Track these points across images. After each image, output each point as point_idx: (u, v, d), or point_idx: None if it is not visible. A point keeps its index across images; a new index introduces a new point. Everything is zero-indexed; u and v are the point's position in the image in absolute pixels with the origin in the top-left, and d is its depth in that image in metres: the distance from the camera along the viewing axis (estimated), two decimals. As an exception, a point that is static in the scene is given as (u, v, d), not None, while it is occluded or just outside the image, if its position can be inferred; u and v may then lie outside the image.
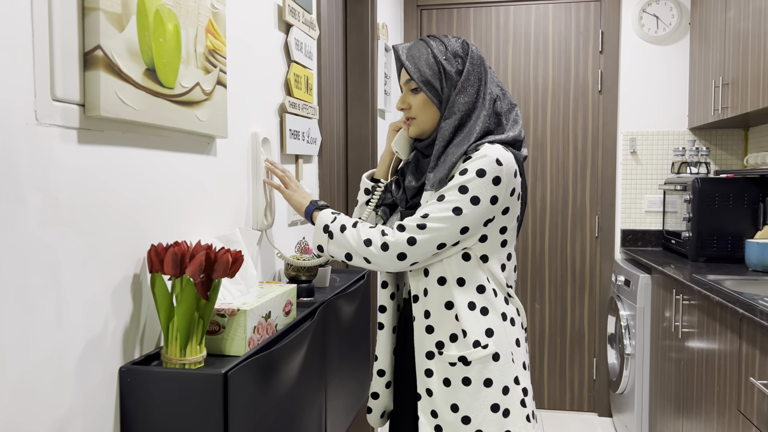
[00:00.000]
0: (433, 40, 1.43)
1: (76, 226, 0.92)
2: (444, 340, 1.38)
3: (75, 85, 0.91)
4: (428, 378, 1.39)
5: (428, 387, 1.39)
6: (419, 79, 1.39)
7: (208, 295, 1.08)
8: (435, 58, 1.39)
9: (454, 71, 1.39)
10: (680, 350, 2.48)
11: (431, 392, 1.39)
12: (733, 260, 2.83)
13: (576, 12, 3.52)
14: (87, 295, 0.95)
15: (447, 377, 1.38)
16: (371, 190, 1.58)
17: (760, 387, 1.69)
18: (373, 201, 1.53)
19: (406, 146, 1.52)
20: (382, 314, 1.55)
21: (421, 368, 1.41)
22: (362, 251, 1.37)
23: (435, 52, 1.40)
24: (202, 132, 1.24)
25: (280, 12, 1.73)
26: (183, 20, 1.16)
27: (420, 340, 1.41)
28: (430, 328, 1.40)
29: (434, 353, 1.39)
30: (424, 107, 1.42)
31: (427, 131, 1.45)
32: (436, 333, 1.39)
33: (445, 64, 1.39)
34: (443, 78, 1.39)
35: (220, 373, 1.00)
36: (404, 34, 3.67)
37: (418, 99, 1.43)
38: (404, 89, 1.46)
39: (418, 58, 1.40)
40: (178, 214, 1.21)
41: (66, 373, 0.91)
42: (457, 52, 1.40)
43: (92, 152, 0.95)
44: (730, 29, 2.76)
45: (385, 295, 1.55)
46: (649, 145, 3.48)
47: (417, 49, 1.42)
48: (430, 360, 1.40)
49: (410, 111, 1.44)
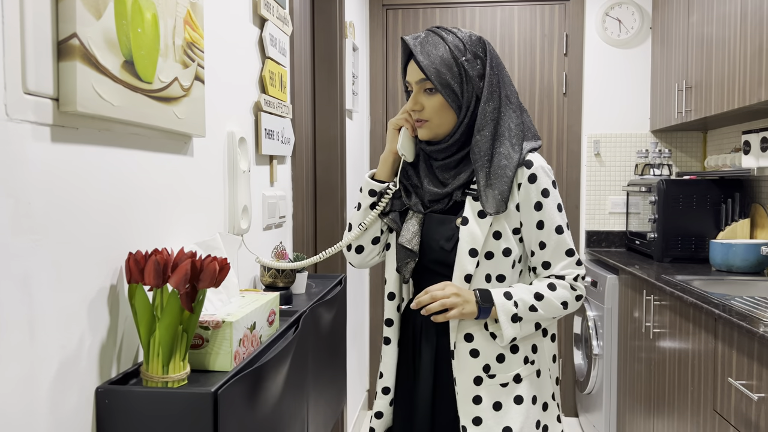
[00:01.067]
0: (447, 33, 1.31)
1: (49, 233, 0.83)
2: (491, 362, 1.31)
3: (48, 77, 0.82)
4: (477, 405, 1.30)
5: (477, 415, 1.30)
6: (438, 81, 1.28)
7: (193, 307, 0.99)
8: (454, 58, 1.29)
9: (476, 75, 1.30)
10: (651, 350, 2.50)
11: (480, 420, 1.30)
12: (697, 260, 2.88)
13: (541, 14, 3.54)
14: (61, 309, 0.86)
15: (498, 401, 1.31)
16: (380, 194, 1.42)
17: (738, 387, 1.71)
18: (380, 206, 1.40)
19: (412, 148, 1.41)
20: (389, 328, 1.44)
21: (468, 396, 1.31)
22: (558, 314, 1.33)
23: (452, 49, 1.29)
24: (179, 130, 1.16)
25: (255, 5, 1.65)
26: (161, 10, 1.07)
27: (463, 366, 1.31)
28: (475, 351, 1.31)
29: (482, 378, 1.31)
30: (440, 111, 1.32)
31: (440, 135, 1.35)
32: (482, 356, 1.31)
33: (467, 65, 1.29)
34: (464, 81, 1.30)
35: (209, 391, 0.92)
36: (369, 33, 3.62)
37: (434, 101, 1.31)
38: (415, 88, 1.34)
39: (435, 55, 1.28)
40: (155, 219, 1.12)
41: (38, 396, 0.82)
42: (477, 52, 1.30)
43: (66, 152, 0.86)
44: (693, 34, 2.81)
45: (392, 307, 1.44)
46: (612, 147, 3.52)
47: (431, 44, 1.30)
48: (478, 386, 1.30)
49: (423, 113, 1.33)
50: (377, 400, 1.47)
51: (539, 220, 1.32)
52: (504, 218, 1.32)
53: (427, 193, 1.37)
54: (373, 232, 1.45)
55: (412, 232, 1.37)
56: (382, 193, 1.42)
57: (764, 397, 1.59)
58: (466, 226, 1.30)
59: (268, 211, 1.76)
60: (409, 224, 1.38)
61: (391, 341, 1.44)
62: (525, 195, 1.31)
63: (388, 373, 1.45)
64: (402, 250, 1.38)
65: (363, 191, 1.44)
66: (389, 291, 1.44)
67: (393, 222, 1.41)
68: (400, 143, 1.39)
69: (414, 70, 1.33)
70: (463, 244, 1.30)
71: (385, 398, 1.45)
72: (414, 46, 1.30)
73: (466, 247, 1.30)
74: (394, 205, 1.41)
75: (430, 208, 1.38)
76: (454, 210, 1.36)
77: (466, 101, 1.31)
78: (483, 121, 1.30)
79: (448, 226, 1.35)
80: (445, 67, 1.28)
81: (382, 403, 1.46)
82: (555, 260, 1.33)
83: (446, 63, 1.28)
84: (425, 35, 1.32)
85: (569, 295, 1.33)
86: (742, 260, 2.55)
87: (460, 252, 1.30)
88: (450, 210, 1.37)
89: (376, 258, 1.49)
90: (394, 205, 1.41)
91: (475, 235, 1.30)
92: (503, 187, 1.29)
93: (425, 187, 1.37)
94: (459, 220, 1.33)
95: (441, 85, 1.28)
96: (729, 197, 2.86)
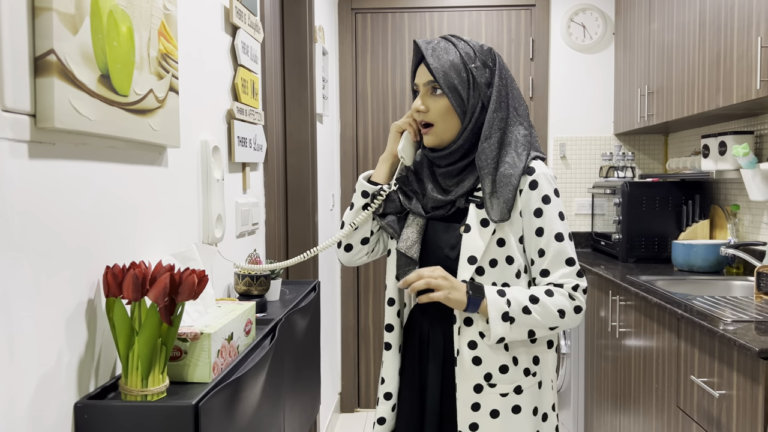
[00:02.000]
0: (458, 41, 1.34)
1: (27, 250, 0.82)
2: (493, 371, 1.31)
3: (26, 94, 0.81)
4: (475, 412, 1.31)
5: (473, 421, 1.31)
6: (445, 84, 1.30)
7: (172, 320, 1.00)
8: (464, 63, 1.31)
9: (484, 82, 1.32)
10: (617, 349, 2.57)
11: (477, 426, 1.31)
12: (660, 260, 2.97)
13: (508, 19, 3.60)
14: (39, 325, 0.85)
15: (495, 408, 1.31)
16: (373, 195, 1.42)
17: (700, 384, 1.77)
18: (373, 207, 1.40)
19: (413, 152, 1.42)
20: (390, 333, 1.44)
21: (467, 403, 1.31)
22: (555, 323, 1.30)
23: (463, 55, 1.31)
24: (154, 142, 1.16)
25: (227, 14, 1.65)
26: (137, 23, 1.07)
27: (465, 373, 1.31)
28: (478, 359, 1.31)
29: (483, 386, 1.31)
30: (445, 114, 1.33)
31: (445, 141, 1.35)
32: (485, 365, 1.31)
33: (475, 72, 1.31)
34: (471, 87, 1.31)
35: (190, 404, 0.92)
36: (339, 37, 3.63)
37: (439, 104, 1.33)
38: (422, 89, 1.35)
39: (444, 59, 1.31)
40: (131, 231, 1.12)
41: (18, 415, 0.81)
42: (486, 61, 1.33)
43: (43, 167, 0.86)
44: (654, 41, 2.90)
45: (392, 313, 1.44)
46: (577, 150, 3.60)
47: (442, 49, 1.32)
48: (478, 393, 1.31)
49: (428, 115, 1.34)
50: (379, 405, 1.45)
51: (539, 227, 1.31)
52: (508, 226, 1.32)
53: (431, 200, 1.37)
54: (363, 232, 1.45)
55: (412, 240, 1.37)
56: (375, 195, 1.42)
57: (725, 393, 1.65)
58: (468, 234, 1.31)
59: (241, 219, 1.77)
60: (409, 231, 1.38)
61: (392, 347, 1.44)
62: (526, 201, 1.31)
63: (389, 379, 1.44)
64: (402, 257, 1.37)
65: (357, 192, 1.44)
66: (389, 297, 1.44)
67: (389, 227, 1.40)
68: (401, 146, 1.39)
69: (423, 72, 1.34)
70: (464, 251, 1.31)
71: (387, 404, 1.44)
72: (425, 49, 1.32)
73: (466, 255, 1.31)
74: (388, 207, 1.41)
75: (431, 214, 1.38)
76: (457, 217, 1.37)
77: (471, 107, 1.32)
78: (490, 130, 1.31)
79: (452, 234, 1.35)
80: (454, 71, 1.30)
81: (384, 409, 1.44)
82: (554, 268, 1.31)
83: (455, 67, 1.31)
84: (438, 41, 1.35)
85: (567, 303, 1.30)
86: (703, 260, 2.64)
87: (461, 260, 1.31)
88: (452, 217, 1.37)
89: (364, 257, 1.50)
90: (388, 207, 1.41)
91: (476, 244, 1.30)
92: (508, 195, 1.29)
93: (429, 193, 1.37)
94: (462, 227, 1.33)
95: (448, 88, 1.30)
96: (690, 199, 2.96)
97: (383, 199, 1.40)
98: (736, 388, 1.60)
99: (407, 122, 1.40)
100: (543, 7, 3.54)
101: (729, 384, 1.64)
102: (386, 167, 1.44)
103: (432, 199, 1.36)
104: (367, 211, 1.41)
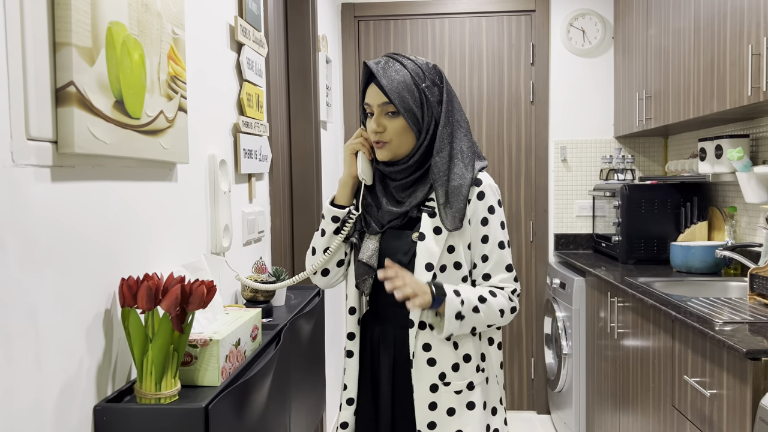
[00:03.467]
0: (406, 60, 1.39)
1: (52, 266, 0.89)
2: (446, 371, 1.40)
3: (48, 123, 0.89)
4: (432, 411, 1.39)
5: (431, 420, 1.39)
6: (401, 105, 1.36)
7: (183, 328, 1.07)
8: (416, 84, 1.37)
9: (435, 101, 1.39)
10: (616, 349, 2.62)
11: (434, 425, 1.39)
12: (659, 262, 3.02)
13: (508, 25, 3.65)
14: (63, 335, 0.93)
15: (451, 406, 1.40)
16: (343, 220, 1.48)
17: (693, 384, 1.83)
18: (345, 231, 1.47)
19: (371, 171, 1.47)
20: (351, 341, 1.50)
21: (424, 402, 1.39)
22: (494, 321, 1.41)
23: (413, 75, 1.37)
24: (165, 159, 1.23)
25: (232, 32, 1.72)
26: (147, 49, 1.14)
27: (421, 374, 1.40)
28: (432, 360, 1.40)
29: (438, 385, 1.40)
30: (402, 133, 1.39)
31: (399, 156, 1.42)
32: (439, 365, 1.39)
33: (427, 92, 1.38)
34: (424, 106, 1.38)
35: (201, 407, 1.00)
36: (342, 45, 3.70)
37: (396, 124, 1.39)
38: (377, 110, 1.40)
39: (397, 80, 1.36)
40: (145, 244, 1.20)
41: (44, 419, 0.88)
42: (434, 79, 1.40)
43: (64, 189, 0.93)
44: (651, 46, 2.95)
45: (353, 321, 1.50)
46: (578, 153, 3.65)
47: (393, 69, 1.37)
48: (434, 393, 1.39)
49: (384, 135, 1.39)
50: (342, 411, 1.52)
51: (484, 235, 1.42)
52: (458, 234, 1.41)
53: (387, 213, 1.43)
54: (339, 256, 1.51)
55: (372, 249, 1.44)
56: (345, 220, 1.48)
57: (716, 393, 1.71)
58: (423, 242, 1.39)
59: (247, 228, 1.84)
60: (369, 242, 1.45)
61: (353, 354, 1.50)
62: (474, 210, 1.41)
63: (351, 385, 1.50)
64: (361, 266, 1.44)
65: (326, 218, 1.48)
66: (350, 306, 1.50)
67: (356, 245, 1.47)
68: (361, 168, 1.45)
69: (376, 93, 1.39)
70: (420, 258, 1.39)
71: (350, 409, 1.50)
72: (377, 70, 1.36)
73: (422, 261, 1.39)
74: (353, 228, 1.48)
75: (387, 226, 1.44)
76: (409, 225, 1.45)
77: (426, 125, 1.39)
78: (441, 144, 1.39)
79: (404, 240, 1.43)
80: (408, 92, 1.36)
81: (347, 414, 1.51)
82: (495, 273, 1.43)
83: (408, 88, 1.36)
84: (385, 61, 1.39)
85: (507, 304, 1.42)
86: (701, 262, 2.69)
87: (418, 266, 1.39)
88: (404, 226, 1.45)
89: (341, 279, 1.56)
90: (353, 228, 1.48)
91: (432, 251, 1.39)
92: (460, 205, 1.38)
93: (384, 207, 1.44)
94: (415, 235, 1.41)
95: (404, 109, 1.36)
96: (688, 201, 3.01)
97: (353, 222, 1.47)
98: (726, 387, 1.66)
99: (360, 142, 1.45)
100: (543, 12, 3.60)
101: (720, 384, 1.69)
102: (348, 189, 1.48)
103: (388, 212, 1.43)
104: (340, 235, 1.47)
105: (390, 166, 1.44)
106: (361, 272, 1.45)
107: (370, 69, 1.38)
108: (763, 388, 1.52)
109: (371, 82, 1.41)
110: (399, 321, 1.44)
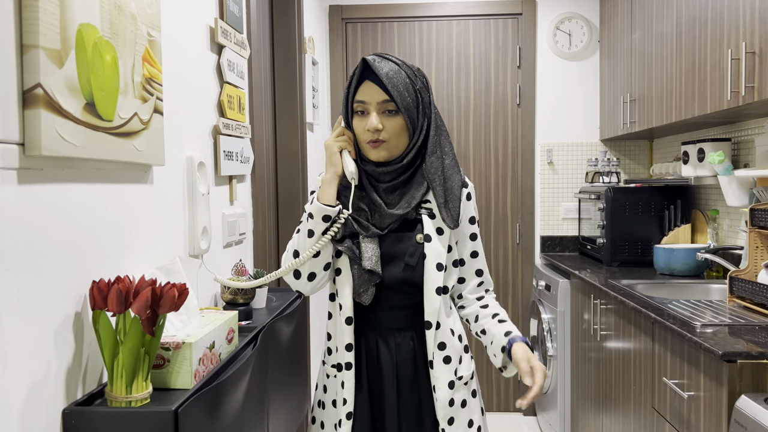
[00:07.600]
0: (398, 60, 1.38)
1: (17, 268, 0.89)
2: (457, 366, 1.44)
3: (14, 125, 0.88)
4: (451, 407, 1.42)
5: (451, 416, 1.42)
6: (402, 104, 1.35)
7: (154, 331, 1.07)
8: (412, 84, 1.37)
9: (427, 101, 1.40)
10: (599, 351, 2.64)
11: (453, 420, 1.42)
12: (644, 264, 3.04)
13: (495, 28, 3.67)
14: (29, 337, 0.92)
15: (464, 399, 1.45)
16: (333, 220, 1.37)
17: (671, 386, 1.84)
18: (333, 231, 1.36)
19: (357, 170, 1.40)
20: (350, 353, 1.41)
21: (445, 401, 1.41)
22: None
23: (409, 75, 1.37)
24: (139, 162, 1.23)
25: (212, 34, 1.72)
26: (120, 51, 1.14)
27: (440, 374, 1.41)
28: (448, 358, 1.42)
29: (454, 381, 1.43)
30: (400, 133, 1.38)
31: (394, 156, 1.40)
32: (453, 362, 1.43)
33: (422, 93, 1.39)
34: (419, 106, 1.39)
35: (170, 410, 0.99)
36: (329, 47, 3.70)
37: (395, 123, 1.37)
38: (375, 108, 1.36)
39: (397, 79, 1.35)
40: (118, 246, 1.19)
41: (9, 422, 0.88)
42: (424, 82, 1.41)
43: (32, 192, 0.93)
44: (635, 49, 2.97)
45: (351, 332, 1.41)
46: (564, 156, 3.67)
47: (390, 69, 1.35)
48: (451, 389, 1.42)
49: (383, 133, 1.37)
50: (341, 428, 1.42)
51: (473, 233, 1.50)
52: (454, 233, 1.46)
53: (388, 216, 1.39)
54: (325, 258, 1.39)
55: (375, 254, 1.38)
56: (335, 220, 1.38)
57: (693, 395, 1.72)
58: (430, 243, 1.40)
59: (227, 230, 1.83)
60: (368, 248, 1.38)
61: (352, 366, 1.41)
62: (464, 210, 1.48)
63: (351, 398, 1.41)
64: (364, 274, 1.38)
65: (315, 218, 1.36)
66: (347, 316, 1.40)
67: (349, 250, 1.38)
68: (352, 168, 1.38)
69: (375, 90, 1.35)
70: (430, 259, 1.39)
71: (349, 423, 1.41)
72: (378, 68, 1.33)
73: (433, 262, 1.39)
74: (342, 231, 1.39)
75: (387, 229, 1.40)
76: (406, 227, 1.43)
77: (420, 126, 1.40)
78: (433, 146, 1.41)
79: (407, 242, 1.41)
80: (407, 92, 1.36)
81: (347, 430, 1.41)
82: (484, 269, 1.53)
83: (407, 88, 1.36)
84: (381, 60, 1.35)
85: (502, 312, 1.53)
86: (683, 264, 2.70)
87: (428, 267, 1.39)
88: (402, 228, 1.43)
89: (325, 284, 1.46)
90: (342, 231, 1.39)
91: (439, 251, 1.41)
92: (456, 204, 1.43)
93: (383, 209, 1.39)
94: (420, 236, 1.41)
95: (404, 108, 1.36)
96: (672, 204, 3.03)
97: (342, 222, 1.37)
98: (703, 389, 1.67)
99: (346, 140, 1.41)
100: (529, 15, 3.61)
101: (697, 385, 1.70)
102: (333, 189, 1.39)
103: (389, 215, 1.39)
104: (328, 235, 1.36)
105: (381, 166, 1.40)
106: (363, 280, 1.38)
107: (369, 66, 1.34)
108: (738, 390, 1.53)
109: (365, 79, 1.37)
110: (400, 324, 1.44)
